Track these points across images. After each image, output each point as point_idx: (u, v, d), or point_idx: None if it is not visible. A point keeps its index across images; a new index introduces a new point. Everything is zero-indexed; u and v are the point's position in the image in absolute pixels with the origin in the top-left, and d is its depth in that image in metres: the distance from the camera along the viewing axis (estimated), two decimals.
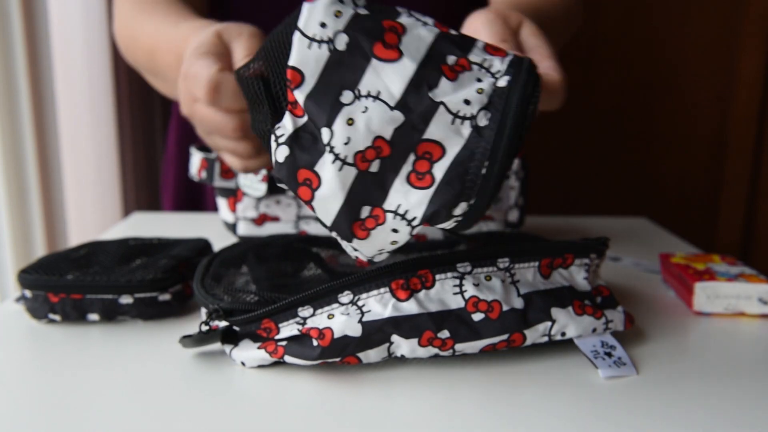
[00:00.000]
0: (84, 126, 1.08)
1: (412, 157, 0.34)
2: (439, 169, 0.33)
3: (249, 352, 0.38)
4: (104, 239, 0.55)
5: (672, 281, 0.54)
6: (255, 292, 0.41)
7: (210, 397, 0.35)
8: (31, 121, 0.94)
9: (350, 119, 0.33)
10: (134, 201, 1.19)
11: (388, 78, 0.34)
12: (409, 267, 0.37)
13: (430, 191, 0.33)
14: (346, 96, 0.34)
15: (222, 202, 0.65)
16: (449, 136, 0.33)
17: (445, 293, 0.38)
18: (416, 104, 0.34)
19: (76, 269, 0.46)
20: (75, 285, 0.44)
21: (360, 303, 0.37)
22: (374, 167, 0.34)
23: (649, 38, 1.41)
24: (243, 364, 0.39)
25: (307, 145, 0.34)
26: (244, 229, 0.63)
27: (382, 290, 0.37)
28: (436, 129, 0.33)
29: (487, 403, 0.35)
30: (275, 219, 0.63)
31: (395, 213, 0.34)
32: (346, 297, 0.37)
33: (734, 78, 1.41)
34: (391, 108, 0.34)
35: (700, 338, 0.44)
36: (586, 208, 1.43)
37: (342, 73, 0.34)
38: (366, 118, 0.33)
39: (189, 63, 0.46)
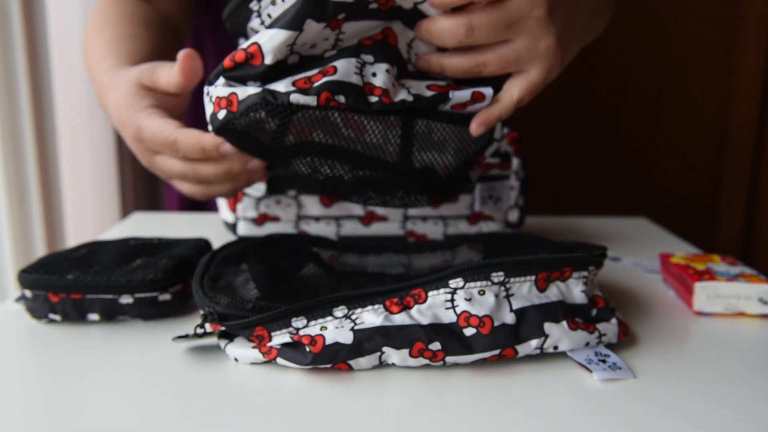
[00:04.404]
0: (83, 126, 1.08)
1: None
2: None
3: (243, 350, 0.39)
4: (104, 239, 0.55)
5: (672, 281, 0.54)
6: (252, 298, 0.41)
7: (210, 398, 0.35)
8: (31, 121, 0.94)
9: None
10: (133, 201, 1.19)
11: None
12: (403, 288, 0.38)
13: None
14: None
15: (222, 202, 0.65)
16: None
17: (437, 308, 0.38)
18: None
19: (76, 269, 0.46)
20: (75, 285, 0.44)
21: (354, 317, 0.38)
22: None
23: (649, 38, 1.41)
24: (236, 359, 0.39)
25: None
26: (244, 229, 0.63)
27: (376, 306, 0.38)
28: None
29: (479, 403, 0.35)
30: (275, 219, 0.63)
31: None
32: (340, 311, 0.38)
33: (734, 78, 1.41)
34: None
35: (700, 338, 0.44)
36: (586, 208, 1.43)
37: None
38: None
39: (136, 124, 0.49)
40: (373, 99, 0.42)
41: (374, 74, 0.42)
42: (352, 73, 0.41)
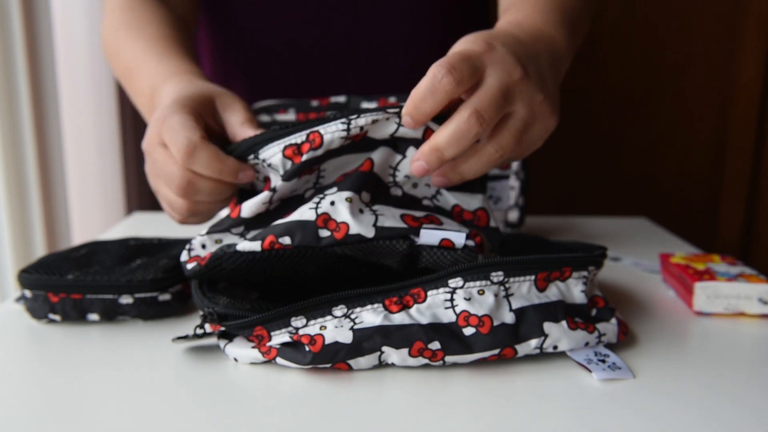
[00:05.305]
0: (86, 125, 1.08)
1: None
2: None
3: (242, 350, 0.39)
4: (105, 239, 0.55)
5: (672, 281, 0.54)
6: (252, 298, 0.41)
7: (209, 397, 0.35)
8: (32, 120, 0.94)
9: None
10: (137, 200, 1.19)
11: None
12: (402, 287, 0.38)
13: None
14: None
15: None
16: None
17: (436, 307, 0.38)
18: None
19: (76, 269, 0.46)
20: (75, 285, 0.44)
21: (353, 316, 0.38)
22: None
23: (649, 38, 1.41)
24: (236, 359, 0.39)
25: None
26: None
27: (375, 305, 0.38)
28: None
29: (479, 403, 0.35)
30: None
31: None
32: (339, 310, 0.38)
33: (734, 79, 1.41)
34: None
35: (700, 338, 0.44)
36: (586, 208, 1.44)
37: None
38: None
39: (171, 111, 0.45)
40: (324, 234, 0.39)
41: (332, 203, 0.39)
42: (306, 209, 0.40)
